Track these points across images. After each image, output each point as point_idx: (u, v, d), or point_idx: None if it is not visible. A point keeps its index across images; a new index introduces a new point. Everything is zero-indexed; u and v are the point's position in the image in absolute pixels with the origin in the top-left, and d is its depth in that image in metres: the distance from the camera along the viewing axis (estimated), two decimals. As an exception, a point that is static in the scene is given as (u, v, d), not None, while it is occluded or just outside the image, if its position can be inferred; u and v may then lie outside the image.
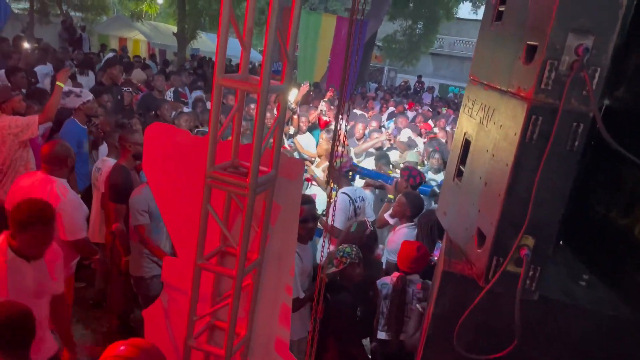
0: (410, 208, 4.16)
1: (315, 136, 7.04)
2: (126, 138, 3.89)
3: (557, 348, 1.72)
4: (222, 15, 1.87)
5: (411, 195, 4.30)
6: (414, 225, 4.15)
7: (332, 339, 3.30)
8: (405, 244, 3.60)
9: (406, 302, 3.37)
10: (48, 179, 3.38)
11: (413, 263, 3.41)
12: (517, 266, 1.61)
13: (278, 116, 2.08)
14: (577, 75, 1.44)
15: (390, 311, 3.35)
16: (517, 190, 1.57)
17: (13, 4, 19.15)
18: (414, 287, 3.38)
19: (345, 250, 3.41)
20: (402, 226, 4.19)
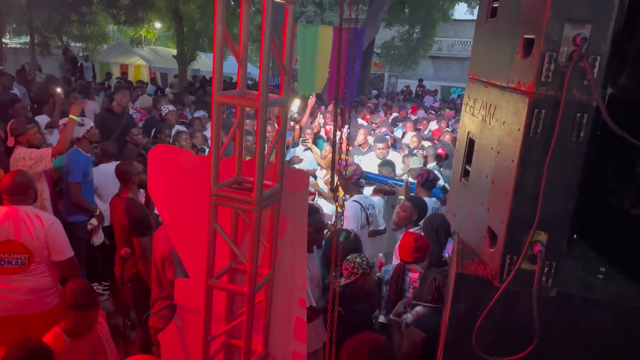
0: (417, 212, 4.14)
1: (319, 146, 7.05)
2: (128, 172, 3.91)
3: (578, 344, 1.68)
4: (216, 33, 1.88)
5: (414, 199, 4.30)
6: (420, 230, 4.13)
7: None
8: (405, 234, 3.77)
9: (403, 290, 3.48)
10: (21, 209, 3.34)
11: (411, 253, 3.53)
12: (531, 263, 1.58)
13: (279, 129, 2.08)
14: (577, 66, 1.42)
15: (388, 297, 3.48)
16: (525, 186, 1.55)
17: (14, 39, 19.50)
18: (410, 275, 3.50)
19: (355, 260, 3.38)
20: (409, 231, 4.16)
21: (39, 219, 3.35)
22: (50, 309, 3.43)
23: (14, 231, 3.27)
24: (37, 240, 3.31)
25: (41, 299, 3.41)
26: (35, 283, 3.37)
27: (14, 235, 3.27)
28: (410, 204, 4.20)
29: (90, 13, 13.70)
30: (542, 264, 1.56)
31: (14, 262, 3.30)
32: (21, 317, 3.36)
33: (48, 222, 3.37)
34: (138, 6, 13.63)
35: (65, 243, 3.44)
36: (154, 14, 16.49)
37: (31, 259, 3.32)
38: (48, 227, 3.34)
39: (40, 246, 3.32)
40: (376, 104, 14.35)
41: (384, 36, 22.01)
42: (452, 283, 1.85)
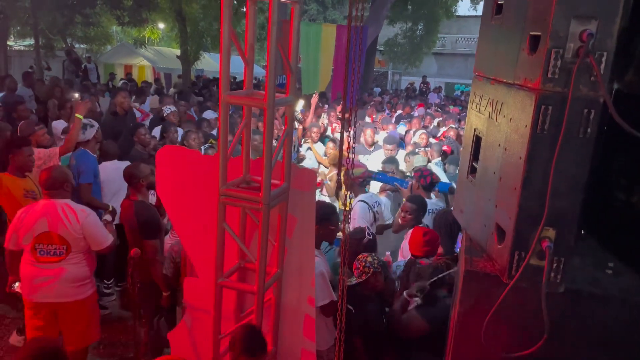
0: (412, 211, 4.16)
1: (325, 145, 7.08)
2: (135, 175, 3.93)
3: (588, 340, 1.68)
4: (222, 33, 1.89)
5: (414, 199, 4.30)
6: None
7: (361, 348, 3.27)
8: (415, 230, 3.78)
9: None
10: (58, 203, 3.51)
11: (421, 247, 3.55)
12: (539, 259, 1.58)
13: (286, 128, 2.09)
14: (583, 62, 1.42)
15: (399, 290, 3.48)
16: (533, 182, 1.55)
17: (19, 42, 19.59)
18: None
19: (366, 260, 3.37)
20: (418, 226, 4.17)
21: (74, 212, 3.50)
22: (83, 299, 3.61)
23: (51, 223, 3.45)
24: (73, 232, 3.48)
25: (76, 289, 3.58)
26: (73, 272, 3.55)
27: (50, 226, 3.45)
28: (414, 205, 4.20)
29: (94, 14, 13.74)
30: (551, 260, 1.56)
31: (52, 252, 3.49)
32: (56, 304, 3.56)
33: (82, 215, 3.51)
34: (141, 7, 13.66)
35: (102, 232, 3.61)
36: (157, 15, 16.53)
37: (69, 249, 3.50)
38: (83, 220, 3.49)
39: (77, 237, 3.50)
40: (380, 101, 14.32)
41: (387, 33, 21.99)
42: (461, 280, 1.85)
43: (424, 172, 4.80)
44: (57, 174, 3.57)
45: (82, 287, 3.61)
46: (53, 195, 3.53)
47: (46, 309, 3.58)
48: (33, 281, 3.51)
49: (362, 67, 9.56)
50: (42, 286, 3.50)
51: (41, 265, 3.49)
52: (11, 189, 4.14)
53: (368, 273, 3.30)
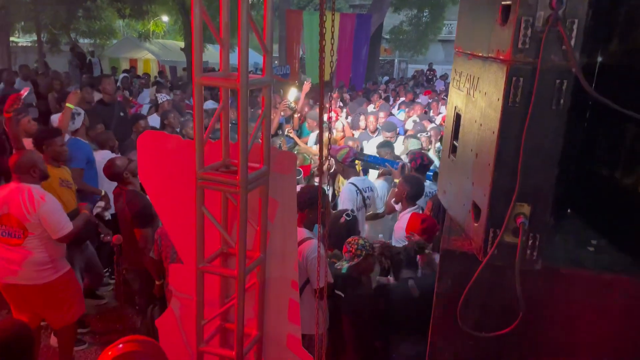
0: (407, 191, 4.11)
1: None
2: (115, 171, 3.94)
3: (567, 318, 1.64)
4: (193, 15, 1.86)
5: (409, 178, 4.27)
6: (417, 209, 4.10)
7: (350, 333, 3.25)
8: (413, 215, 3.77)
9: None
10: (22, 187, 3.58)
11: (419, 234, 3.52)
12: (514, 236, 1.55)
13: (263, 110, 2.06)
14: (553, 30, 1.37)
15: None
16: (506, 157, 1.51)
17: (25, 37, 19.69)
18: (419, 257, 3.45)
19: (358, 242, 3.35)
20: (405, 211, 4.14)
21: (32, 198, 3.54)
22: (45, 283, 3.67)
23: (10, 206, 3.53)
24: (29, 218, 3.53)
25: (36, 273, 3.65)
26: (31, 257, 3.61)
27: (10, 209, 3.54)
28: (403, 182, 4.18)
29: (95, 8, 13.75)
30: (525, 237, 1.52)
31: (13, 234, 3.59)
32: (21, 286, 3.66)
33: (39, 202, 3.55)
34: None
35: (58, 221, 3.61)
36: (159, 7, 16.50)
37: (25, 233, 3.57)
38: (38, 207, 3.53)
39: (34, 223, 3.55)
40: (385, 89, 14.22)
41: (392, 21, 21.77)
42: (439, 260, 1.82)
43: (416, 154, 4.77)
44: (25, 158, 3.63)
45: (44, 271, 3.66)
46: (20, 179, 3.61)
47: (14, 290, 3.70)
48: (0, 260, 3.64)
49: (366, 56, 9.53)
50: (6, 267, 3.62)
51: (4, 245, 3.61)
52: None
53: (360, 255, 3.27)
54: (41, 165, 3.71)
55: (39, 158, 3.77)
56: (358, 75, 15.11)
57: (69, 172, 4.41)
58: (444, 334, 1.80)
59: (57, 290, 3.74)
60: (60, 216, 3.65)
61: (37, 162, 3.68)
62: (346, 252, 3.29)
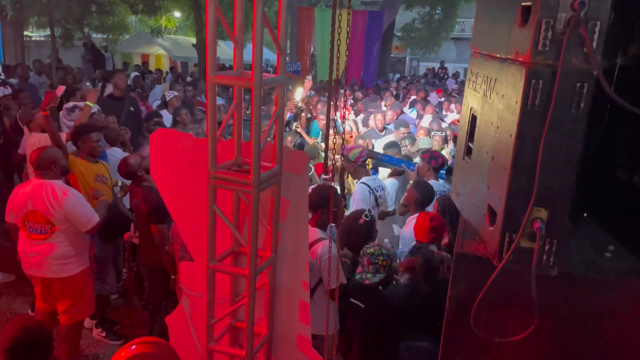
0: (416, 196, 4.07)
1: None
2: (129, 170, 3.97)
3: (582, 325, 1.62)
4: (207, 13, 1.85)
5: (419, 184, 4.24)
6: None
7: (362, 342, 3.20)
8: (421, 215, 3.73)
9: None
10: (44, 183, 3.63)
11: (427, 233, 3.50)
12: (531, 241, 1.52)
13: (276, 109, 2.05)
14: (574, 32, 1.35)
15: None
16: (524, 160, 1.48)
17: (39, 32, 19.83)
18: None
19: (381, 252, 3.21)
20: (414, 216, 4.11)
21: (55, 194, 3.59)
22: (69, 276, 3.75)
23: (35, 202, 3.59)
24: (55, 213, 3.58)
25: (61, 266, 3.72)
26: (58, 250, 3.68)
27: (35, 205, 3.59)
28: (413, 187, 4.16)
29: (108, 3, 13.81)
30: (542, 242, 1.50)
31: (39, 230, 3.66)
32: (47, 279, 3.75)
33: (62, 197, 3.60)
34: (155, -5, 13.71)
35: (83, 214, 3.67)
36: (172, 3, 16.54)
37: (53, 228, 3.64)
38: (62, 202, 3.58)
39: (59, 218, 3.61)
40: (396, 87, 14.16)
41: (404, 18, 21.65)
42: (453, 263, 1.80)
43: (434, 154, 4.73)
44: (45, 154, 3.67)
45: (68, 265, 3.73)
46: (41, 176, 3.65)
47: (40, 282, 3.80)
48: (26, 255, 3.72)
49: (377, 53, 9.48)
50: (32, 260, 3.70)
51: (31, 241, 3.67)
52: (83, 173, 4.32)
53: (387, 267, 3.17)
54: (61, 161, 3.78)
55: (59, 154, 3.83)
56: (369, 73, 15.05)
57: (106, 167, 4.47)
58: (456, 338, 1.78)
59: (77, 285, 3.81)
60: (86, 209, 3.70)
61: (57, 157, 3.73)
62: (370, 263, 3.16)
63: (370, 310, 3.09)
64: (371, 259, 3.16)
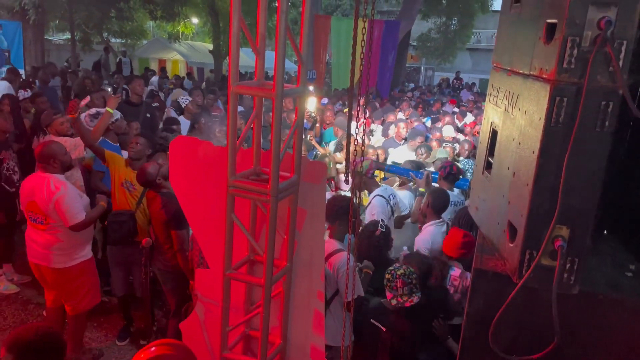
0: (431, 204, 4.05)
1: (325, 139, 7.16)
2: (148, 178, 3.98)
3: (603, 346, 1.60)
4: (231, 23, 1.87)
5: (435, 192, 4.21)
6: (442, 222, 4.04)
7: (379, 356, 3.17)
8: (453, 230, 3.64)
9: (442, 287, 3.36)
10: (44, 176, 3.81)
11: (458, 248, 3.42)
12: (552, 259, 1.51)
13: (296, 120, 2.06)
14: (601, 51, 1.34)
15: None
16: (546, 178, 1.47)
17: (58, 35, 20.16)
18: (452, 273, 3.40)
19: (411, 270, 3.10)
20: (429, 224, 4.09)
21: (49, 187, 3.75)
22: (62, 268, 3.88)
23: (35, 194, 3.77)
24: (48, 205, 3.74)
25: (55, 257, 3.88)
26: (49, 241, 3.84)
27: (34, 197, 3.78)
28: (428, 195, 4.13)
29: (128, 9, 14.02)
30: (563, 260, 1.48)
31: (38, 221, 3.85)
32: (43, 267, 3.92)
33: (55, 191, 3.75)
34: (174, 1, 13.86)
35: (71, 209, 3.78)
36: (190, 9, 16.73)
37: (47, 220, 3.81)
38: (54, 195, 3.73)
39: (52, 211, 3.76)
40: (411, 97, 14.14)
41: (420, 28, 21.66)
42: (471, 278, 1.79)
43: (445, 163, 4.71)
44: (46, 149, 3.85)
45: (62, 256, 3.87)
46: (43, 169, 3.84)
47: (37, 269, 3.96)
48: (30, 242, 3.94)
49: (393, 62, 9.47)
50: (33, 247, 3.91)
51: (33, 229, 3.88)
52: (115, 173, 4.46)
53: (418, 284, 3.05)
54: (62, 157, 3.90)
55: (61, 149, 3.95)
56: (384, 82, 15.07)
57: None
58: (474, 355, 1.76)
59: (73, 277, 3.92)
60: (73, 205, 3.80)
61: (57, 153, 3.87)
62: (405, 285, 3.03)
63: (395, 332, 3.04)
64: (405, 280, 3.05)
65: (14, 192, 4.82)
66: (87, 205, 4.04)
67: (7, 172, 4.83)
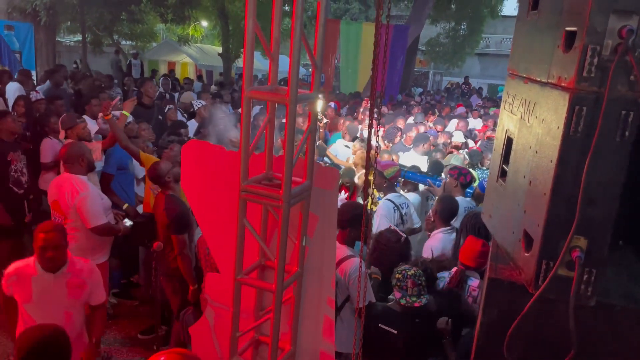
0: (439, 211, 4.03)
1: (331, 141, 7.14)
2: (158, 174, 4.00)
3: (619, 357, 1.57)
4: (246, 28, 1.87)
5: (442, 198, 4.20)
6: (451, 230, 4.01)
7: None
8: (471, 238, 3.58)
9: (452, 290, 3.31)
10: (68, 176, 3.89)
11: (476, 257, 3.35)
12: (569, 270, 1.49)
13: (309, 125, 2.05)
14: (622, 60, 1.32)
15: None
16: (564, 187, 1.45)
17: (69, 37, 20.31)
18: (471, 284, 3.30)
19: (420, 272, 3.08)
20: (438, 231, 4.06)
21: (74, 188, 3.80)
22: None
23: (59, 193, 3.83)
24: (70, 206, 3.80)
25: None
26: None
27: (57, 196, 3.84)
28: (437, 202, 4.12)
29: (139, 12, 14.11)
30: (581, 271, 1.47)
31: (58, 219, 3.89)
32: None
33: (79, 192, 3.80)
34: (185, 5, 13.94)
35: (92, 212, 3.83)
36: (200, 13, 16.81)
37: (66, 220, 3.85)
38: (77, 196, 3.79)
39: (72, 212, 3.82)
40: (420, 102, 14.12)
41: (429, 33, 21.63)
42: (485, 288, 1.77)
43: (463, 170, 4.69)
44: (72, 149, 3.93)
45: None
46: (69, 169, 3.90)
47: None
48: None
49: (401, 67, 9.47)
50: None
51: None
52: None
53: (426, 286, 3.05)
54: (89, 156, 3.96)
55: (87, 150, 4.01)
56: (393, 87, 15.06)
57: None
58: (487, 365, 1.74)
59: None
60: (95, 208, 3.84)
61: (85, 152, 3.93)
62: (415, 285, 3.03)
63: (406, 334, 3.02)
64: (415, 281, 3.04)
65: (22, 193, 4.84)
66: (108, 207, 4.08)
67: (16, 173, 4.83)
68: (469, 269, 3.41)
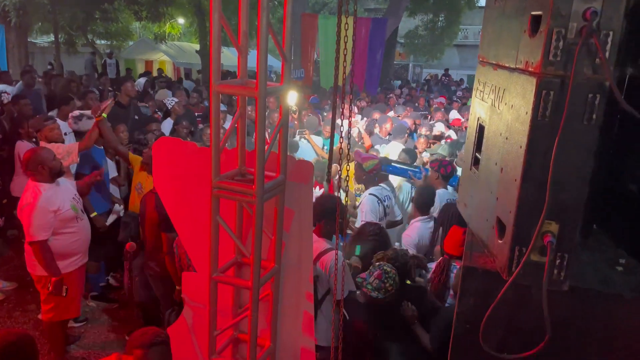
0: (416, 201, 4.08)
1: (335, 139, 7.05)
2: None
3: (593, 341, 1.58)
4: (212, 21, 1.83)
5: (418, 189, 4.24)
6: (428, 219, 4.05)
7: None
8: (454, 228, 3.58)
9: (447, 287, 3.31)
10: (29, 183, 3.75)
11: (459, 246, 3.34)
12: (541, 255, 1.48)
13: (281, 119, 2.02)
14: (587, 42, 1.32)
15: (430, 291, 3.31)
16: (534, 173, 1.45)
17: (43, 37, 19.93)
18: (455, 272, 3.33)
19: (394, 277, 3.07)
20: (415, 220, 4.10)
21: (26, 196, 3.67)
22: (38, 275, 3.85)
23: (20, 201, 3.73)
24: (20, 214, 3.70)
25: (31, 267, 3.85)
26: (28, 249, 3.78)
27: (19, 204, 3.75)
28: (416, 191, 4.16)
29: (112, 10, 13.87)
30: (553, 256, 1.46)
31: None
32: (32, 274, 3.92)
33: (26, 201, 3.66)
34: (159, 2, 13.74)
35: (35, 226, 3.61)
36: (175, 10, 16.61)
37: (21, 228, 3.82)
38: (22, 204, 3.67)
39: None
40: (400, 94, 14.15)
41: (407, 25, 21.68)
42: (460, 276, 1.76)
43: (443, 162, 4.70)
44: (33, 156, 3.72)
45: (35, 266, 3.79)
46: (29, 176, 3.75)
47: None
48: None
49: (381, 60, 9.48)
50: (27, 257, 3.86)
51: None
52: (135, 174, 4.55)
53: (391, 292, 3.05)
54: (50, 163, 3.72)
55: (49, 155, 3.78)
56: (372, 80, 15.05)
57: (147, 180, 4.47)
58: (465, 354, 1.74)
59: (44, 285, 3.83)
60: (37, 222, 3.61)
61: (45, 159, 3.70)
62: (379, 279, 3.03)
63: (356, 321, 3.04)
64: (382, 276, 3.04)
65: (-5, 199, 4.74)
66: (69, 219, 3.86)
67: (-13, 178, 4.75)
68: (454, 258, 3.43)
